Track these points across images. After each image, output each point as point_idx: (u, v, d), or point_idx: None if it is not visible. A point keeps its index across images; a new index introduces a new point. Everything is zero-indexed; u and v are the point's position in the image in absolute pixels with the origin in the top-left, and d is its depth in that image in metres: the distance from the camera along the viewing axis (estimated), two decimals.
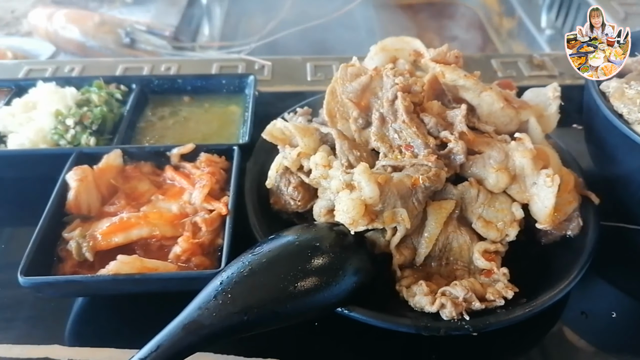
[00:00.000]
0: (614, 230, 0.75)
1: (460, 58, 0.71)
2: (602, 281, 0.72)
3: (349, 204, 0.59)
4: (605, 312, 0.67)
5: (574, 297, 0.68)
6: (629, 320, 0.66)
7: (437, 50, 0.71)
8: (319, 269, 0.57)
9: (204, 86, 0.94)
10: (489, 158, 0.65)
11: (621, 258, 0.74)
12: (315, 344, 0.65)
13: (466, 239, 0.65)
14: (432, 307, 0.59)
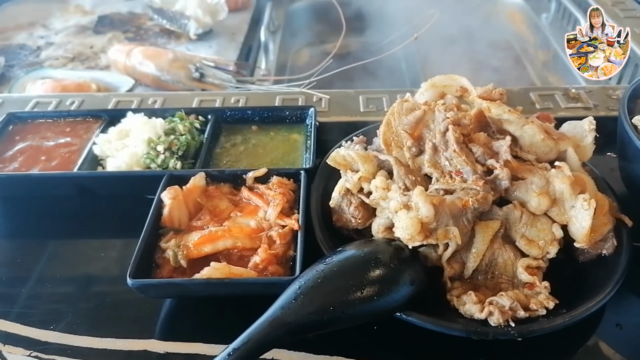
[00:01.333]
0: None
1: (504, 95, 0.80)
2: (635, 297, 0.78)
3: (407, 222, 0.68)
4: (638, 324, 0.73)
5: (610, 310, 0.74)
6: None
7: (483, 88, 0.81)
8: (381, 278, 0.67)
9: (269, 116, 1.06)
10: (531, 183, 0.73)
11: None
12: (371, 346, 0.74)
13: (510, 255, 0.73)
14: (481, 314, 0.67)
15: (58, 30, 1.79)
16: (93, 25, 1.82)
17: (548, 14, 1.75)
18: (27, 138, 1.03)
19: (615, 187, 0.84)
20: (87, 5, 1.97)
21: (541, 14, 1.79)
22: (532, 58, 1.81)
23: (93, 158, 0.97)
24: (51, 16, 1.89)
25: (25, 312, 0.78)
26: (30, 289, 0.82)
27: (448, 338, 0.68)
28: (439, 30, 2.01)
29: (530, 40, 1.84)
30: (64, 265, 0.87)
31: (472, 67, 1.93)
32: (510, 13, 2.00)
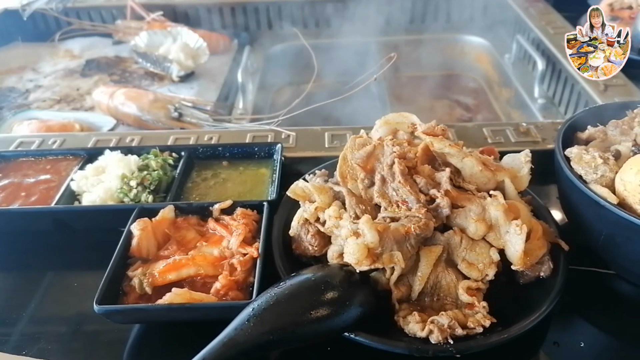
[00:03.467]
0: (583, 272, 0.87)
1: (446, 131, 0.88)
2: (572, 316, 0.83)
3: (354, 248, 0.74)
4: (574, 342, 0.78)
5: (548, 329, 0.80)
6: (594, 348, 0.77)
7: (427, 124, 0.88)
8: (331, 300, 0.72)
9: (239, 152, 1.13)
10: (469, 211, 0.80)
11: (588, 296, 0.86)
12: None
13: (453, 277, 0.79)
14: (422, 332, 0.72)
15: (47, 74, 1.88)
16: (81, 68, 1.91)
17: (510, 54, 1.86)
18: (10, 175, 1.09)
19: (558, 214, 0.91)
20: (76, 49, 2.07)
21: (504, 55, 1.91)
22: (497, 95, 1.91)
23: (70, 193, 1.03)
24: (41, 60, 1.98)
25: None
26: (6, 316, 0.86)
27: (395, 356, 0.73)
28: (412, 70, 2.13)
29: (495, 79, 1.94)
30: (39, 294, 0.91)
31: (444, 104, 2.04)
32: (478, 54, 2.12)
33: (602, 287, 0.88)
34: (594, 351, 0.77)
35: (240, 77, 1.62)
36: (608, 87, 1.35)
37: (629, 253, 0.79)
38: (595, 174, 0.79)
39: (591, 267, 0.90)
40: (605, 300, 0.86)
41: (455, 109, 2.00)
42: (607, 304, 0.86)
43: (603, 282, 0.88)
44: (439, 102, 2.02)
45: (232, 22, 2.18)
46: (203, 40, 1.88)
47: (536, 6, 1.93)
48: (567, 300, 0.84)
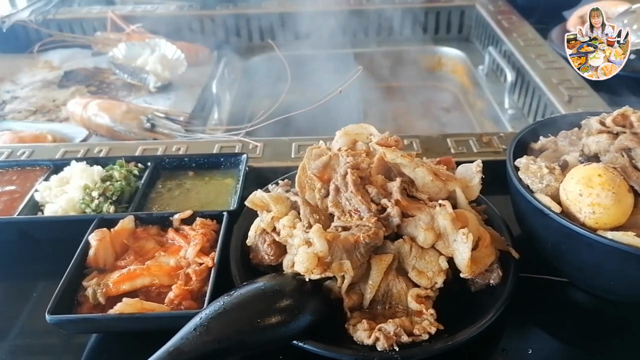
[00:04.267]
0: (537, 280, 0.89)
1: (399, 142, 0.90)
2: (523, 323, 0.84)
3: (304, 257, 0.75)
4: (523, 349, 0.79)
5: (499, 336, 0.81)
6: (542, 355, 0.78)
7: (381, 135, 0.90)
8: (279, 309, 0.73)
9: (205, 163, 1.14)
10: (419, 220, 0.81)
11: (541, 303, 0.87)
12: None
13: (403, 285, 0.80)
14: (369, 340, 0.73)
15: (24, 85, 1.89)
16: (58, 79, 1.92)
17: (483, 66, 1.89)
18: None
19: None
20: (56, 61, 2.08)
21: (478, 66, 1.94)
22: (473, 106, 1.94)
23: (34, 204, 1.04)
24: (20, 71, 1.99)
25: None
26: None
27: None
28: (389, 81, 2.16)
29: (471, 90, 1.97)
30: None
31: (421, 115, 2.06)
32: (454, 65, 2.15)
33: (555, 294, 0.89)
34: (542, 357, 0.78)
35: (215, 88, 1.64)
36: (572, 98, 1.37)
37: (574, 261, 0.80)
38: (541, 183, 0.81)
39: (545, 275, 0.91)
40: (557, 307, 0.87)
41: (432, 119, 2.03)
42: (559, 311, 0.87)
43: (556, 290, 0.90)
44: (415, 113, 2.04)
45: (212, 34, 2.21)
46: (181, 51, 1.90)
47: (509, 19, 1.97)
48: (519, 307, 0.85)
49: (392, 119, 1.96)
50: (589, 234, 0.71)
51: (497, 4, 2.12)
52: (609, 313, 0.85)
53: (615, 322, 0.84)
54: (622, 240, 0.70)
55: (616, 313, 0.85)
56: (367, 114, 1.86)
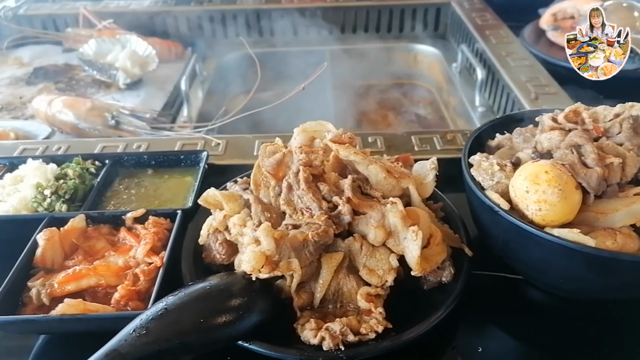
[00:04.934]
0: (489, 277, 0.89)
1: (353, 139, 0.89)
2: (474, 320, 0.84)
3: (250, 255, 0.74)
4: (472, 347, 0.79)
5: (449, 334, 0.81)
6: (492, 352, 0.78)
7: (335, 132, 0.89)
8: (224, 309, 0.72)
9: (165, 160, 1.12)
10: (370, 218, 0.80)
11: (495, 301, 0.87)
12: None
13: (354, 284, 0.79)
14: (315, 339, 0.72)
15: None
16: (27, 76, 1.88)
17: (457, 63, 1.89)
18: None
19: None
20: (26, 57, 2.04)
21: (452, 64, 1.93)
22: (447, 103, 1.94)
23: None
24: None
25: None
26: None
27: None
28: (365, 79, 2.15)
29: (445, 88, 1.97)
30: None
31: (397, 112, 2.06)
32: (430, 63, 2.15)
33: (510, 291, 0.89)
34: (491, 355, 0.78)
35: (184, 85, 1.62)
36: (539, 96, 1.37)
37: (524, 258, 0.80)
38: (492, 180, 0.80)
39: (500, 272, 0.91)
40: (511, 305, 0.87)
41: (406, 117, 2.03)
42: (513, 308, 0.87)
43: (511, 287, 0.89)
44: (390, 111, 2.03)
45: (187, 31, 2.18)
46: (154, 48, 1.87)
47: (483, 16, 1.97)
48: (474, 305, 0.85)
49: (365, 116, 1.95)
50: (536, 231, 0.71)
51: (472, 1, 2.12)
52: (561, 310, 0.85)
53: (568, 320, 0.84)
54: (567, 237, 0.69)
55: (569, 310, 0.85)
56: (340, 112, 1.85)
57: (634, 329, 0.82)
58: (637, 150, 0.78)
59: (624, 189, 0.79)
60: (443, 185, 0.98)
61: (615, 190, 0.77)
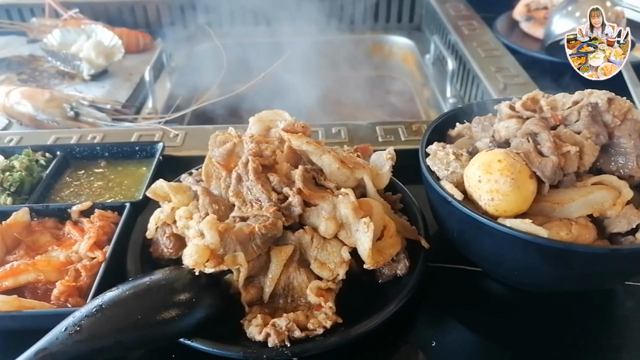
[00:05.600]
0: (448, 270, 0.87)
1: (307, 128, 0.85)
2: (428, 314, 0.82)
3: (192, 249, 0.71)
4: (426, 341, 0.76)
5: (402, 328, 0.78)
6: (445, 347, 0.76)
7: (287, 121, 0.86)
8: (165, 305, 0.68)
9: (119, 152, 1.08)
10: (321, 209, 0.77)
11: (452, 293, 0.85)
12: None
13: (304, 278, 0.76)
14: (260, 336, 0.69)
15: None
16: None
17: (430, 55, 1.87)
18: None
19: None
20: None
21: (425, 55, 1.91)
22: (420, 95, 1.91)
23: None
24: None
25: None
26: None
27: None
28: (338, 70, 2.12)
29: (418, 79, 1.95)
30: None
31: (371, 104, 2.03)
32: (404, 55, 2.12)
33: (469, 284, 0.87)
34: (445, 349, 0.76)
35: (147, 75, 1.57)
36: (507, 86, 1.36)
37: (479, 250, 0.78)
38: (447, 170, 0.78)
39: (460, 265, 0.88)
40: (468, 298, 0.85)
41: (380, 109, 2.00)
42: (470, 301, 0.84)
43: (470, 280, 0.87)
44: (364, 102, 2.00)
45: (157, 21, 2.13)
46: (121, 38, 1.82)
47: (457, 7, 1.94)
48: (432, 298, 0.83)
49: (336, 108, 1.92)
50: (488, 221, 0.69)
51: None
52: (520, 303, 0.83)
53: (526, 312, 0.82)
54: (520, 228, 0.67)
55: (527, 303, 0.83)
56: (310, 104, 1.82)
57: (593, 321, 0.81)
58: (595, 139, 0.76)
59: (582, 179, 0.77)
60: (406, 177, 0.95)
61: (572, 179, 0.75)
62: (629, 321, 0.82)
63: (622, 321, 0.82)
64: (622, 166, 0.77)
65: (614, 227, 0.72)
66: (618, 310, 0.84)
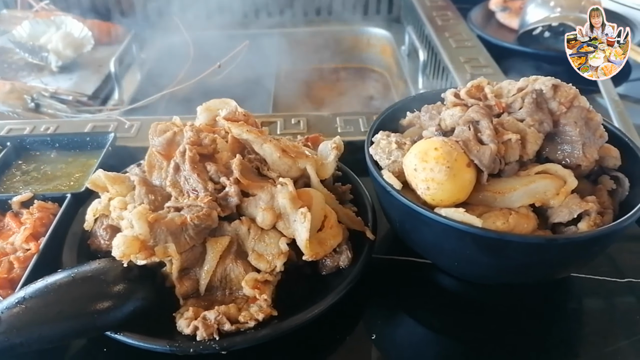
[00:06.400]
0: (397, 262, 0.85)
1: (249, 117, 0.83)
2: (371, 306, 0.80)
3: (120, 240, 0.69)
4: (367, 335, 0.74)
5: (342, 320, 0.76)
6: (385, 340, 0.74)
7: (229, 109, 0.83)
8: (88, 298, 0.66)
9: (70, 143, 1.06)
10: (259, 199, 0.75)
11: (395, 286, 0.83)
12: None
13: (241, 270, 0.74)
14: (188, 329, 0.67)
15: None
16: None
17: (405, 46, 1.84)
18: None
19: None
20: None
21: (401, 46, 1.89)
22: (397, 86, 1.89)
23: None
24: None
25: None
26: None
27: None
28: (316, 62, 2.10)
29: (395, 71, 1.92)
30: None
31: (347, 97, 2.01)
32: (383, 47, 2.10)
33: (417, 276, 0.85)
34: (385, 342, 0.74)
35: (113, 66, 1.54)
36: (475, 77, 1.31)
37: (419, 241, 0.76)
38: (389, 159, 0.76)
39: (409, 257, 0.87)
40: (415, 291, 0.83)
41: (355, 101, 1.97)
42: (416, 294, 0.82)
43: (419, 272, 0.85)
44: (339, 95, 1.98)
45: (131, 12, 2.10)
46: (92, 30, 1.79)
47: None
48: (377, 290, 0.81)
49: (311, 101, 1.89)
50: (424, 211, 0.67)
51: None
52: (465, 296, 0.81)
53: (472, 305, 0.80)
54: (454, 218, 0.65)
55: (473, 296, 0.81)
56: (283, 96, 1.80)
57: (543, 314, 0.79)
58: (538, 126, 0.74)
59: (526, 168, 0.75)
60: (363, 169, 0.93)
61: (514, 168, 0.73)
62: (577, 314, 0.80)
63: (572, 315, 0.80)
64: (568, 155, 0.75)
65: (556, 217, 0.70)
66: (569, 304, 0.82)
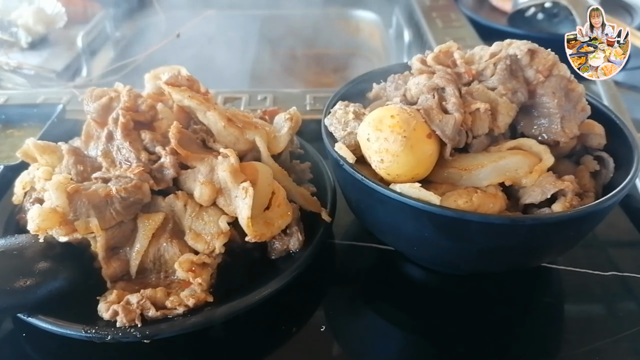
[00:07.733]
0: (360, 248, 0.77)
1: (194, 82, 0.75)
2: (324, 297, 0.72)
3: (35, 212, 0.61)
4: (315, 326, 0.67)
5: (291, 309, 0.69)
6: (336, 331, 0.66)
7: (171, 74, 0.76)
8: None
9: (16, 114, 0.99)
10: (198, 172, 0.68)
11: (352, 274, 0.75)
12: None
13: (176, 250, 0.67)
14: (106, 313, 0.60)
15: None
16: None
17: (392, 29, 1.76)
18: None
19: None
20: None
21: (389, 30, 1.80)
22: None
23: None
24: None
25: None
26: None
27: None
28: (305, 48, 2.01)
29: (383, 55, 1.84)
30: None
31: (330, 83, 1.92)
32: (371, 31, 2.01)
33: (378, 264, 0.77)
34: (335, 334, 0.66)
35: (81, 41, 1.47)
36: None
37: (374, 220, 0.68)
38: (344, 130, 0.68)
39: (373, 243, 0.79)
40: (374, 279, 0.75)
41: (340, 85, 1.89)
42: (376, 283, 0.75)
43: (381, 259, 0.77)
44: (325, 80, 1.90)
45: None
46: (64, 6, 1.72)
47: None
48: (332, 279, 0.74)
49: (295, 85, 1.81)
50: (376, 186, 0.59)
51: None
52: (428, 285, 0.74)
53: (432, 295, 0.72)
54: (409, 194, 0.57)
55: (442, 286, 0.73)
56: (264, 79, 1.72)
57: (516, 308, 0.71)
58: (511, 96, 0.66)
59: (497, 143, 0.67)
60: None
61: (483, 143, 0.65)
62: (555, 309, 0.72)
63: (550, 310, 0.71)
64: (546, 129, 0.67)
65: (527, 198, 0.63)
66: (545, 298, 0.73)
